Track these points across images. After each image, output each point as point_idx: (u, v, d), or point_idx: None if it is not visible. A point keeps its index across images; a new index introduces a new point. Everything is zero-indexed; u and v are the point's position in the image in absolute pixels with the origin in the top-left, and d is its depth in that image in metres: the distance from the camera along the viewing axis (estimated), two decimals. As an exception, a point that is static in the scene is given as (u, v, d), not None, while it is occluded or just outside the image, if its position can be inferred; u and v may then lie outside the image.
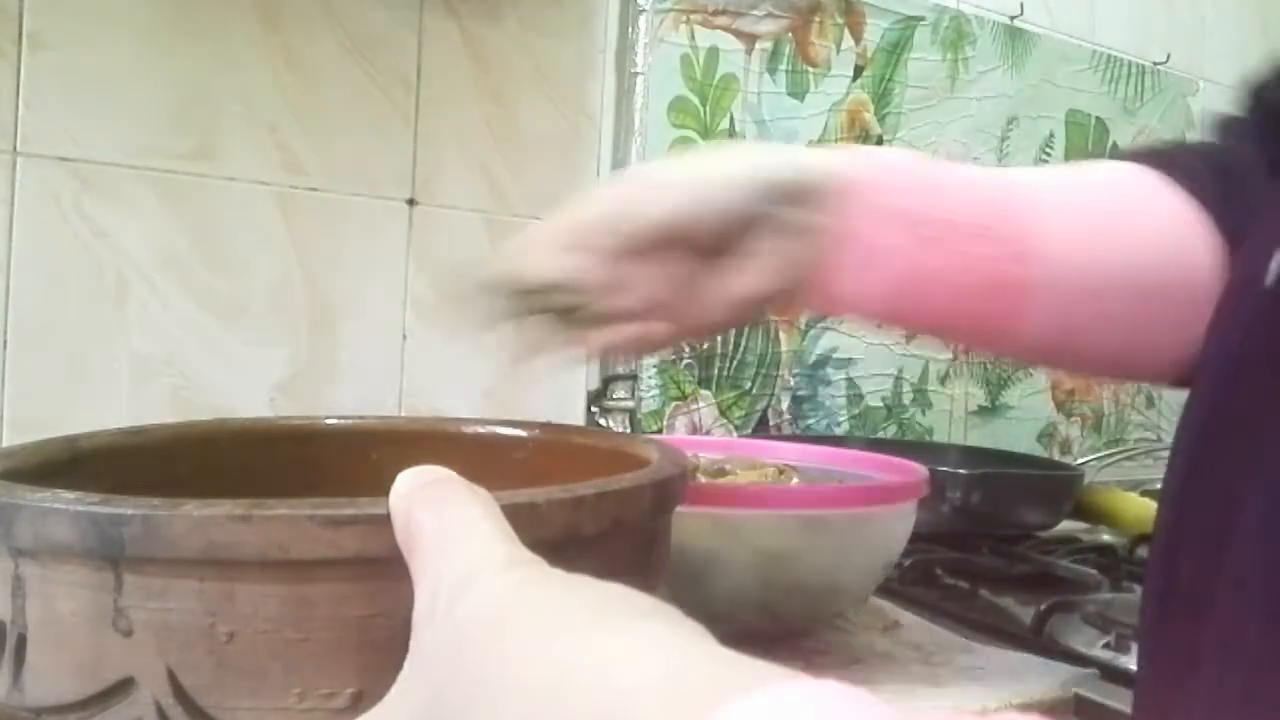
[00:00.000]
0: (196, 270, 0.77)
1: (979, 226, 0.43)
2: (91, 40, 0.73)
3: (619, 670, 0.17)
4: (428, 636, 0.22)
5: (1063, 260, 0.43)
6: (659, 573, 0.35)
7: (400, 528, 0.24)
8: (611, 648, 0.18)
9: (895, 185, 0.43)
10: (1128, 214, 0.45)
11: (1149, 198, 0.46)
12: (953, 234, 0.43)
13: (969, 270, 0.43)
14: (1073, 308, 0.44)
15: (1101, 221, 0.45)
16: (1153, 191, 0.46)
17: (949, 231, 0.42)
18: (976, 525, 0.91)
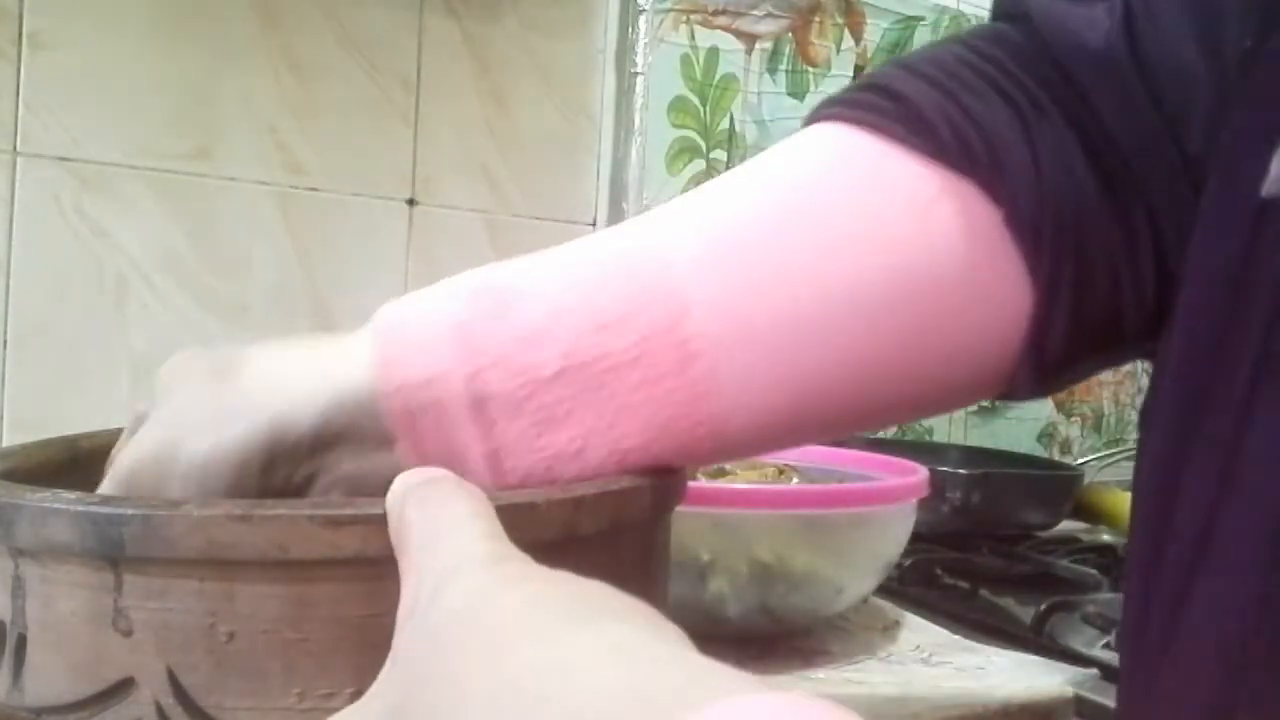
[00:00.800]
0: (196, 270, 0.77)
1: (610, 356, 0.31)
2: (91, 40, 0.73)
3: (578, 677, 0.17)
4: (406, 634, 0.21)
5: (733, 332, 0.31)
6: (659, 573, 0.35)
7: (393, 526, 0.24)
8: (574, 653, 0.17)
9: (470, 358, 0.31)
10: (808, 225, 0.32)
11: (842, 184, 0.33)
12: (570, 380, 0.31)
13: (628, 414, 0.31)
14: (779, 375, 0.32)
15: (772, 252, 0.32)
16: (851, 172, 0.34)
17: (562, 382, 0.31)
18: (976, 525, 0.91)
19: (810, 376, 0.32)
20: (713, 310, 0.31)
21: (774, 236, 0.32)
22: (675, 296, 0.31)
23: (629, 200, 0.94)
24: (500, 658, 0.18)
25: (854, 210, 0.33)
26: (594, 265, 0.33)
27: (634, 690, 0.16)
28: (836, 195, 0.33)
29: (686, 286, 0.31)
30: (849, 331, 0.32)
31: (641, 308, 0.31)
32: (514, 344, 0.31)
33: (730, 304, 0.31)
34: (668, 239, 0.33)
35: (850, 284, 0.32)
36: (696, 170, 1.00)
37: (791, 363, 0.32)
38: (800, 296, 0.32)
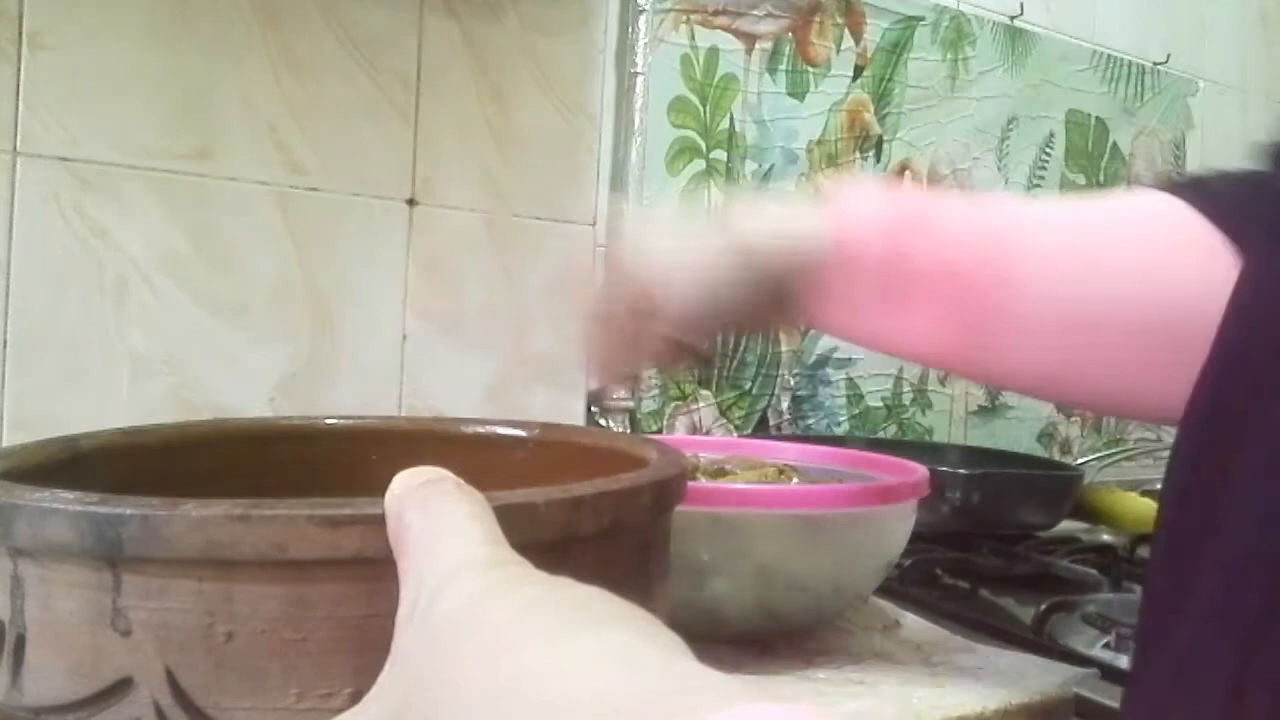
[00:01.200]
0: (196, 270, 0.77)
1: (948, 275, 0.45)
2: (91, 40, 0.73)
3: (573, 684, 0.17)
4: (405, 637, 0.22)
5: (1048, 295, 0.44)
6: (659, 573, 0.35)
7: (391, 528, 0.24)
8: (570, 659, 0.17)
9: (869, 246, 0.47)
10: (1129, 245, 0.44)
11: (1161, 227, 0.45)
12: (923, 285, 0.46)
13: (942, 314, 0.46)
14: (1062, 342, 0.44)
15: (1096, 253, 0.44)
16: (1168, 220, 0.45)
17: (918, 285, 0.46)
18: (976, 525, 0.91)
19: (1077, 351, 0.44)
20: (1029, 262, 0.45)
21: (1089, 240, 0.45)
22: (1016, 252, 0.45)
23: (629, 200, 0.94)
24: (499, 661, 0.18)
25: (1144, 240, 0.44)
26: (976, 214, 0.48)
27: (631, 695, 0.16)
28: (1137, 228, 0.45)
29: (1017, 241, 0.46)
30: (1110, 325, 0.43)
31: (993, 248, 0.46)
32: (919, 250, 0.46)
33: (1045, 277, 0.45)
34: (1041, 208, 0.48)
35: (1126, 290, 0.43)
36: (696, 170, 1.00)
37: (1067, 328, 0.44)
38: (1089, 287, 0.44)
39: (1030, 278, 0.44)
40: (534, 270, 0.92)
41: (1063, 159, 1.29)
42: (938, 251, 0.46)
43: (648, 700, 0.16)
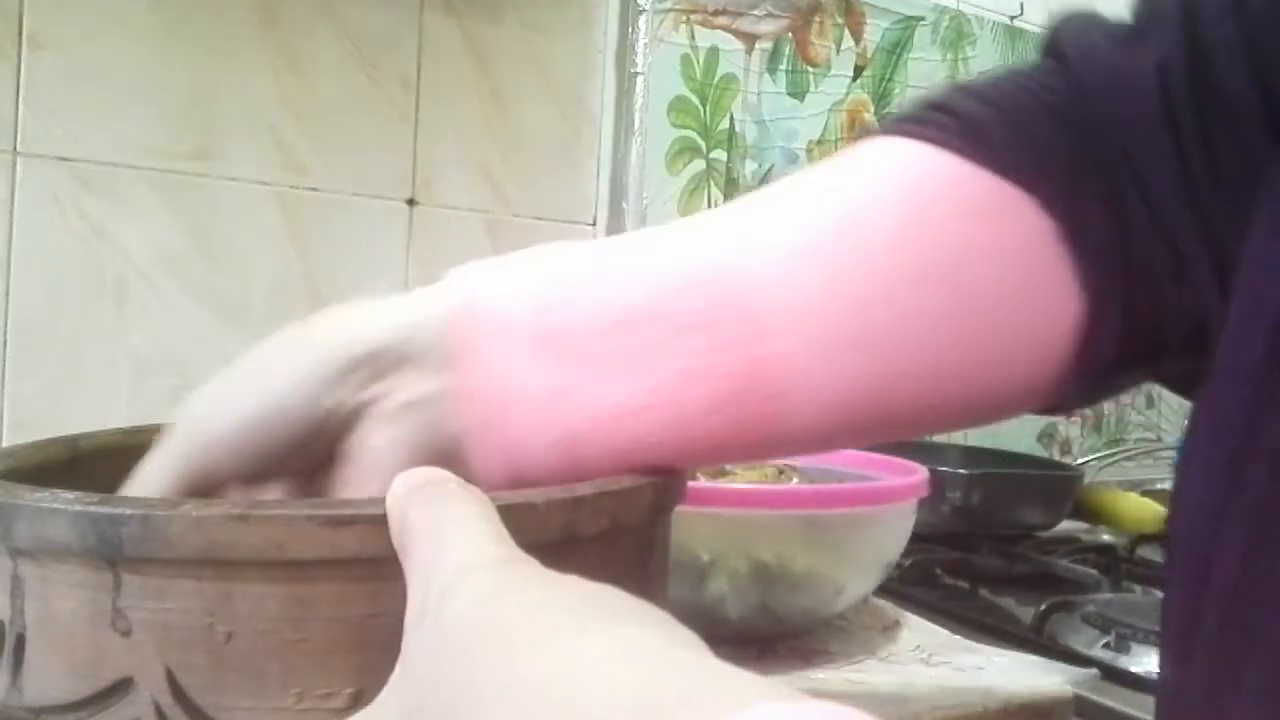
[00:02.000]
0: (196, 270, 0.77)
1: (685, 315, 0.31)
2: (91, 40, 0.73)
3: (595, 682, 0.16)
4: (415, 639, 0.21)
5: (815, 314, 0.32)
6: (659, 574, 0.35)
7: (395, 528, 0.24)
8: (590, 657, 0.17)
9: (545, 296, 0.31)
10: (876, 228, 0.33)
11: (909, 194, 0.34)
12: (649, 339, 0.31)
13: (693, 380, 0.31)
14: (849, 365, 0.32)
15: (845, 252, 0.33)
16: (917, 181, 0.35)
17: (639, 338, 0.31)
18: (976, 525, 0.91)
19: (872, 366, 0.33)
20: (784, 293, 0.32)
21: (844, 230, 0.33)
22: (749, 274, 0.32)
23: (629, 200, 0.94)
24: (514, 661, 0.18)
25: (917, 216, 0.34)
26: (672, 243, 0.34)
27: (650, 695, 0.16)
28: (901, 202, 0.34)
29: (760, 270, 0.32)
30: (908, 326, 0.33)
31: (715, 278, 0.32)
32: (588, 290, 0.32)
33: (801, 288, 0.32)
34: (742, 228, 0.34)
35: (913, 285, 0.33)
36: (696, 170, 1.00)
37: (856, 348, 0.32)
38: (867, 291, 0.32)
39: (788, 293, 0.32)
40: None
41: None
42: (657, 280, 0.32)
43: (671, 698, 0.16)
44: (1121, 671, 0.61)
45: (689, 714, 0.15)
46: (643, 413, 0.31)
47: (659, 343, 0.31)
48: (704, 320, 0.31)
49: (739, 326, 0.31)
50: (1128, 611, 0.69)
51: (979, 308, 0.33)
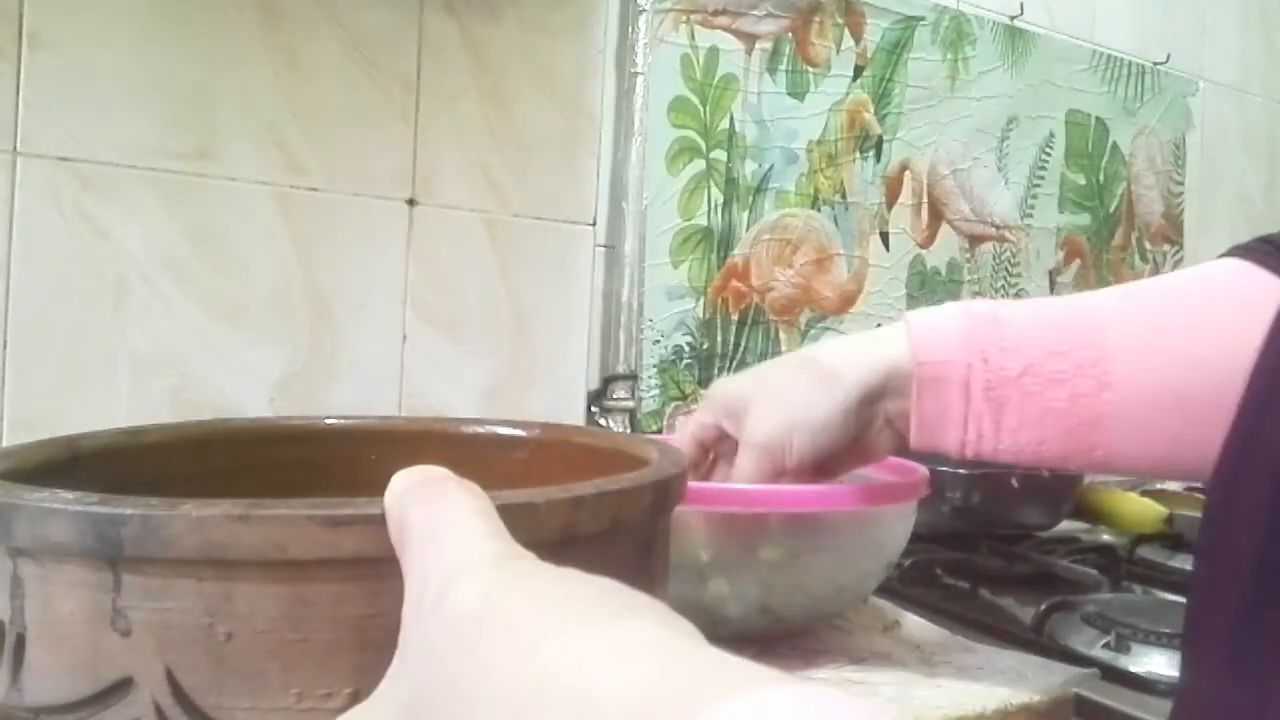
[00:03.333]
0: (196, 270, 0.77)
1: (1053, 373, 0.47)
2: (91, 40, 0.73)
3: (597, 676, 0.17)
4: (414, 634, 0.21)
5: (1150, 388, 0.46)
6: (659, 573, 0.35)
7: (394, 526, 0.24)
8: (594, 649, 0.17)
9: (966, 352, 0.49)
10: (1209, 311, 0.46)
11: (1233, 289, 0.46)
12: (1026, 387, 0.48)
13: (1048, 415, 0.48)
14: (1166, 427, 0.46)
15: (1182, 337, 0.46)
16: (1239, 281, 0.47)
17: (1021, 386, 0.48)
18: (976, 525, 0.91)
19: (1175, 429, 0.46)
20: (1126, 360, 0.47)
21: (1177, 321, 0.47)
22: (1102, 345, 0.47)
23: (629, 200, 0.94)
24: (517, 655, 0.18)
25: (1237, 318, 0.45)
26: (1052, 311, 0.50)
27: (655, 685, 0.16)
28: (1227, 304, 0.46)
29: (1111, 339, 0.47)
30: (1210, 406, 0.43)
31: (1079, 345, 0.48)
32: (996, 350, 0.49)
33: (1139, 359, 0.47)
34: (1103, 305, 0.49)
35: (1221, 371, 0.44)
36: (696, 170, 1.00)
37: (1166, 411, 0.46)
38: (1182, 370, 0.46)
39: (1131, 377, 0.46)
40: (534, 270, 0.92)
41: (1063, 159, 1.29)
42: (1025, 353, 0.48)
43: (676, 688, 0.16)
44: (1121, 671, 0.61)
45: (695, 701, 0.15)
46: (1010, 444, 0.49)
47: (1038, 391, 0.48)
48: (1069, 376, 0.47)
49: (1091, 350, 0.47)
50: (1128, 611, 0.69)
51: None
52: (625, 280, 0.94)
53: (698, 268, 1.00)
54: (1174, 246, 1.42)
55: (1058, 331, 0.48)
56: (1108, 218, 1.35)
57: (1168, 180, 1.41)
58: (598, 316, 0.96)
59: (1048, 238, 1.28)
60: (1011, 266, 1.25)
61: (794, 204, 1.06)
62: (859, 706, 0.14)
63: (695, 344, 1.00)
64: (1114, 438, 0.47)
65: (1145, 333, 0.47)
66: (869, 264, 1.12)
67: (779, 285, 1.05)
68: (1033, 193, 1.26)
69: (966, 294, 1.20)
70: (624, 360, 0.95)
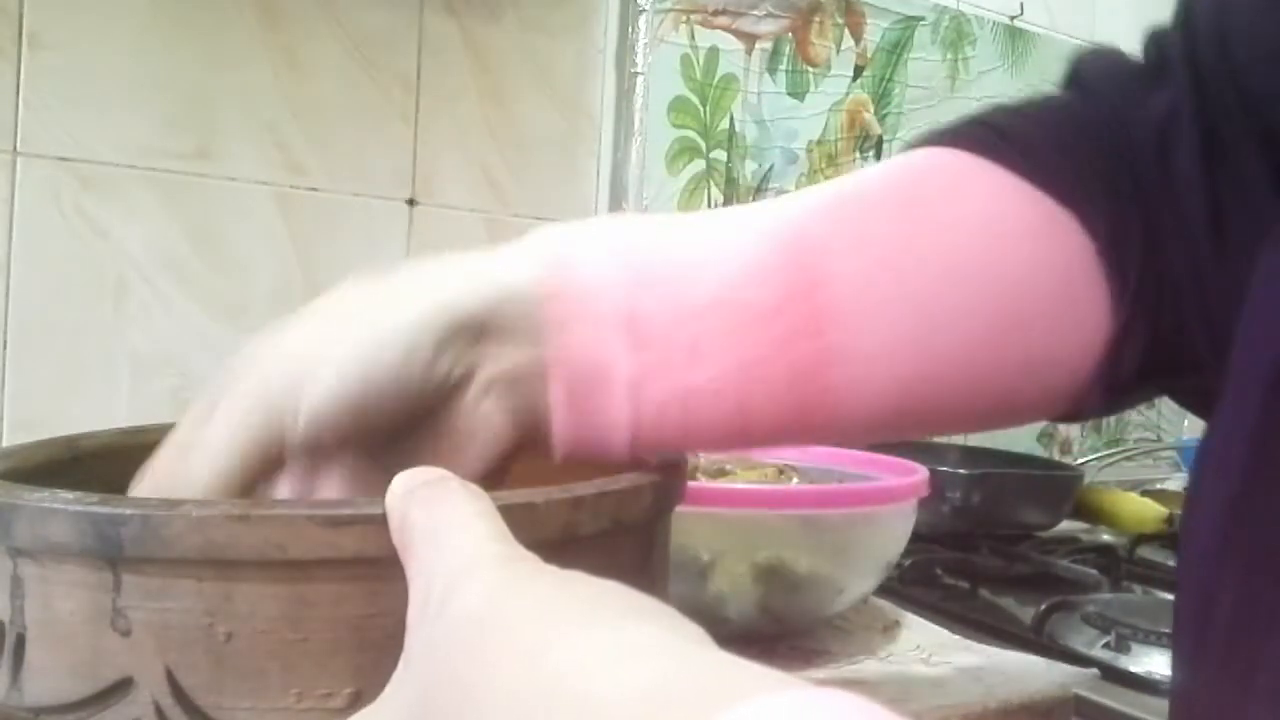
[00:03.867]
0: (196, 270, 0.77)
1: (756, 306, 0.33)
2: (91, 40, 0.73)
3: (605, 678, 0.16)
4: (419, 636, 0.21)
5: (867, 309, 0.33)
6: (659, 573, 0.35)
7: (396, 528, 0.24)
8: (600, 653, 0.17)
9: (628, 279, 0.32)
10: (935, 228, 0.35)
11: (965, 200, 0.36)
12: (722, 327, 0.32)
13: (758, 369, 0.33)
14: (897, 360, 0.34)
15: (903, 247, 0.34)
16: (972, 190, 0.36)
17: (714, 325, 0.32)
18: (976, 525, 0.91)
19: (920, 363, 0.34)
20: (847, 286, 0.33)
21: (901, 228, 0.35)
22: (816, 267, 0.34)
23: (629, 200, 0.94)
24: (523, 657, 0.18)
25: (970, 219, 0.35)
26: (742, 225, 0.35)
27: (662, 689, 0.16)
28: (955, 204, 0.36)
29: (825, 260, 0.34)
30: (957, 328, 0.35)
31: (784, 266, 0.33)
32: (671, 274, 0.33)
33: (863, 283, 0.34)
34: (806, 214, 0.35)
35: (964, 284, 0.35)
36: (696, 170, 1.00)
37: (908, 343, 0.34)
38: (920, 288, 0.34)
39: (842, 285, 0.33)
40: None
41: (1063, 159, 1.29)
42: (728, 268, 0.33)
43: (684, 692, 0.16)
44: (1121, 671, 0.61)
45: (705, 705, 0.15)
46: (711, 398, 0.33)
47: (731, 331, 0.33)
48: (772, 311, 0.33)
49: (803, 320, 0.33)
50: (1128, 611, 0.69)
51: (1022, 318, 0.35)
52: (625, 280, 0.94)
53: (698, 268, 1.00)
54: (1174, 246, 1.42)
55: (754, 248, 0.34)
56: (1108, 218, 1.35)
57: (1168, 180, 1.41)
58: (598, 316, 0.95)
59: (1048, 238, 1.28)
60: (1011, 266, 1.25)
61: (794, 204, 1.06)
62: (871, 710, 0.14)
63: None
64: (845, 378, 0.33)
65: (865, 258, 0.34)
66: (869, 264, 1.12)
67: (779, 285, 1.05)
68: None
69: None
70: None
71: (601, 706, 0.16)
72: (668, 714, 0.15)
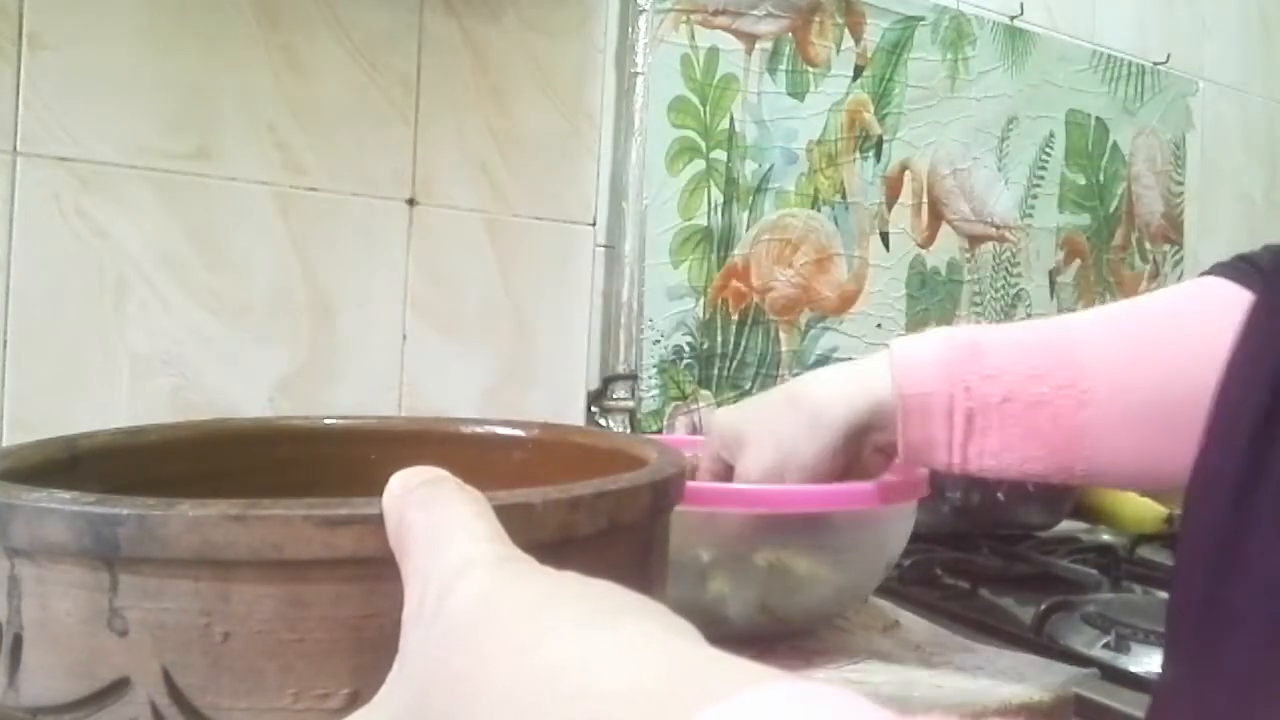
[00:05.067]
0: (196, 270, 0.77)
1: (1033, 396, 0.50)
2: (91, 40, 0.73)
3: (600, 674, 0.17)
4: (414, 636, 0.21)
5: (1126, 404, 0.48)
6: (658, 574, 0.35)
7: (392, 528, 0.24)
8: (594, 650, 0.18)
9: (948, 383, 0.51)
10: (1182, 325, 0.49)
11: (1206, 305, 0.48)
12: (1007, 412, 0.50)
13: (1030, 437, 0.50)
14: (1143, 439, 0.48)
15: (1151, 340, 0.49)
16: (1213, 297, 0.48)
17: (1003, 411, 0.50)
18: (976, 525, 0.91)
19: (1152, 440, 0.48)
20: (1103, 378, 0.49)
21: (1151, 335, 0.50)
22: (1080, 365, 0.50)
23: (629, 200, 0.94)
24: (519, 656, 0.18)
25: (1207, 331, 0.47)
26: (1030, 335, 0.52)
27: (655, 685, 0.16)
28: (1200, 317, 0.49)
29: (1087, 358, 0.50)
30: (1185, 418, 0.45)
31: (1056, 368, 0.50)
32: (977, 379, 0.51)
33: (1115, 375, 0.49)
34: (1079, 325, 0.52)
35: (1194, 382, 0.45)
36: (696, 170, 1.00)
37: (1143, 423, 0.48)
38: (1156, 383, 0.48)
39: (1108, 395, 0.48)
40: (534, 270, 0.92)
41: (1063, 159, 1.29)
42: (1005, 380, 0.50)
43: (676, 687, 0.16)
44: (1121, 671, 0.60)
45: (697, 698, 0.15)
46: (1001, 456, 0.51)
47: (1019, 415, 0.50)
48: (1050, 397, 0.49)
49: (1068, 372, 0.49)
50: (1128, 611, 0.69)
51: None
52: (625, 280, 0.94)
53: (698, 268, 1.00)
54: (1174, 246, 1.42)
55: (1036, 355, 0.50)
56: (1108, 218, 1.35)
57: (1168, 180, 1.41)
58: (598, 316, 0.96)
59: (1048, 238, 1.28)
60: (1011, 266, 1.25)
61: (794, 204, 1.06)
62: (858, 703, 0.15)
63: (695, 344, 1.00)
64: (1094, 453, 0.49)
65: (1121, 349, 0.50)
66: (869, 264, 1.12)
67: (779, 285, 1.05)
68: (1033, 193, 1.26)
69: (966, 294, 1.20)
70: (624, 360, 0.95)
71: (595, 702, 0.16)
72: (658, 708, 0.16)
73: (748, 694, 0.15)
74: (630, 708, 0.16)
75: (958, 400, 0.51)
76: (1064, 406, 0.49)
